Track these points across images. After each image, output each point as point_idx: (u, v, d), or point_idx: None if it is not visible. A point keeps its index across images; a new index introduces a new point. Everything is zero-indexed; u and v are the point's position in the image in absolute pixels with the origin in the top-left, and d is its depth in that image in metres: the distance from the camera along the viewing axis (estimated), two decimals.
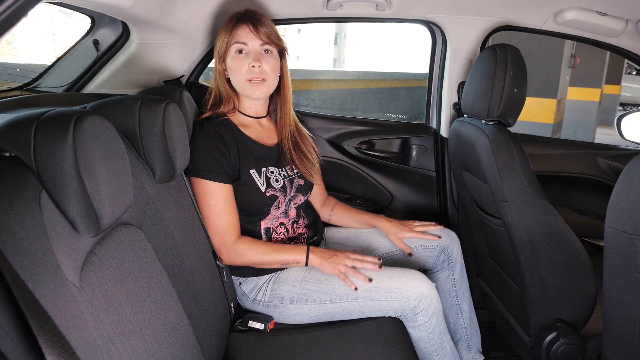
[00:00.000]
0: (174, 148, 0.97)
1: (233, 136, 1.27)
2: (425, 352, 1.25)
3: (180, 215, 1.03)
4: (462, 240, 1.53)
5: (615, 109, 7.66)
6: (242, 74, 1.25)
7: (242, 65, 1.24)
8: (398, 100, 6.26)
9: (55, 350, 0.44)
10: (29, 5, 0.42)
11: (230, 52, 1.26)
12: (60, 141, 0.61)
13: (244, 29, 1.25)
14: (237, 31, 1.25)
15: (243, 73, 1.25)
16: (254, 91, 1.27)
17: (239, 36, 1.24)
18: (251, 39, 1.25)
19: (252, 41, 1.25)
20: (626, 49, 1.67)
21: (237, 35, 1.25)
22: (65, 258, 0.60)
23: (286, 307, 1.24)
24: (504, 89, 1.24)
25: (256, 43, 1.25)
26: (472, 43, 1.73)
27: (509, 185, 1.19)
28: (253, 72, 1.24)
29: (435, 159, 1.89)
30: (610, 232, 0.87)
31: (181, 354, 0.83)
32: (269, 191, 1.28)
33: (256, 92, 1.27)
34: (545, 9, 1.58)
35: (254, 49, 1.25)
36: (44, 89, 1.52)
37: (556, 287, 1.22)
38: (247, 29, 1.24)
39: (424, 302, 1.19)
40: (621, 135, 1.59)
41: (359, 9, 1.63)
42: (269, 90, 1.30)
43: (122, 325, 0.68)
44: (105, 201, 0.66)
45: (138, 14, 1.28)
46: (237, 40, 1.25)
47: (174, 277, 0.91)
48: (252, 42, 1.25)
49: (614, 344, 0.94)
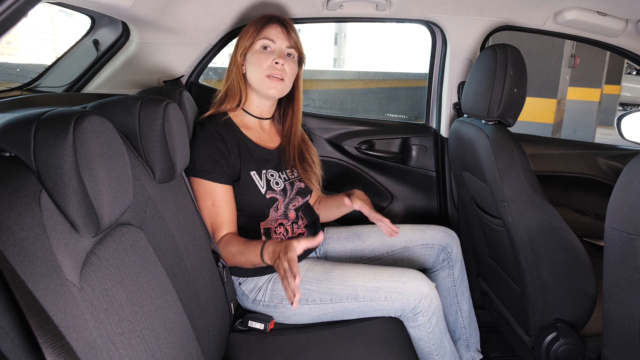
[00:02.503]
0: (174, 148, 0.97)
1: (234, 137, 1.27)
2: (425, 352, 1.25)
3: (180, 215, 1.03)
4: (462, 240, 1.53)
5: (615, 109, 7.67)
6: (263, 69, 1.26)
7: (265, 61, 1.26)
8: (398, 100, 6.26)
9: (55, 350, 0.44)
10: (29, 5, 0.42)
11: (255, 47, 1.28)
12: (60, 141, 0.61)
13: (275, 27, 1.28)
14: (268, 29, 1.27)
15: (264, 68, 1.26)
16: (270, 87, 1.27)
17: (268, 33, 1.27)
18: (280, 39, 1.27)
19: (280, 41, 1.28)
20: (626, 49, 1.67)
21: (267, 32, 1.27)
22: (65, 258, 0.60)
23: (286, 307, 1.24)
24: (504, 89, 1.25)
25: (283, 44, 1.28)
26: (472, 43, 1.73)
27: (509, 185, 1.19)
28: (275, 69, 1.26)
29: (435, 159, 1.89)
30: (610, 232, 0.87)
31: (181, 354, 0.83)
32: (269, 193, 1.28)
33: (272, 89, 1.27)
34: (545, 9, 1.58)
35: (280, 49, 1.28)
36: (44, 89, 1.52)
37: (556, 287, 1.22)
38: (278, 28, 1.28)
39: (424, 302, 1.19)
40: (621, 135, 1.59)
41: (359, 9, 1.63)
42: (283, 91, 1.31)
43: (122, 325, 0.68)
44: (105, 201, 0.66)
45: (138, 14, 1.28)
46: (265, 37, 1.27)
47: (174, 277, 0.91)
48: (280, 41, 1.28)
49: (614, 344, 0.94)
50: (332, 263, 1.30)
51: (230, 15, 1.53)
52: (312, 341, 1.17)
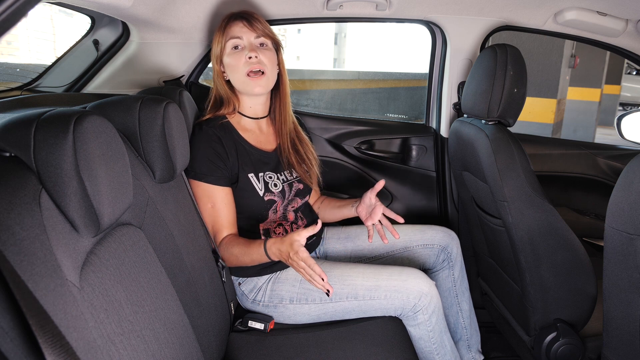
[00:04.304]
0: (174, 148, 0.97)
1: (232, 140, 1.27)
2: (426, 352, 1.25)
3: (180, 215, 1.03)
4: (462, 240, 1.53)
5: (615, 109, 7.66)
6: (240, 68, 1.25)
7: (239, 60, 1.25)
8: (398, 100, 6.26)
9: (55, 350, 0.44)
10: (29, 5, 0.42)
11: (227, 50, 1.27)
12: (60, 141, 0.61)
13: (237, 24, 1.26)
14: (232, 27, 1.26)
15: (241, 67, 1.25)
16: (254, 86, 1.26)
17: (233, 32, 1.26)
18: (245, 33, 1.26)
19: (246, 34, 1.26)
20: (626, 49, 1.67)
21: (232, 31, 1.26)
22: (65, 258, 0.60)
23: (286, 307, 1.24)
24: (504, 89, 1.25)
25: (251, 36, 1.26)
26: (472, 43, 1.73)
27: (509, 185, 1.19)
28: (251, 64, 1.24)
29: (435, 159, 1.89)
30: (610, 232, 0.87)
31: (181, 354, 0.83)
32: (267, 195, 1.28)
33: (256, 87, 1.26)
34: (545, 9, 1.58)
35: (249, 42, 1.26)
36: (44, 89, 1.52)
37: (556, 287, 1.22)
38: (240, 24, 1.26)
39: (423, 300, 1.19)
40: (621, 135, 1.59)
41: (359, 9, 1.63)
42: (268, 84, 1.29)
43: (122, 325, 0.68)
44: (105, 201, 0.66)
45: (138, 14, 1.28)
46: (232, 36, 1.25)
47: (174, 277, 0.91)
48: (247, 35, 1.26)
49: (614, 344, 0.94)
50: (331, 263, 1.30)
51: None
52: (312, 341, 1.17)
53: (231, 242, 1.21)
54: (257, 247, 1.14)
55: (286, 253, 1.07)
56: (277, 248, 1.10)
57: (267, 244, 1.12)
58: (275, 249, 1.10)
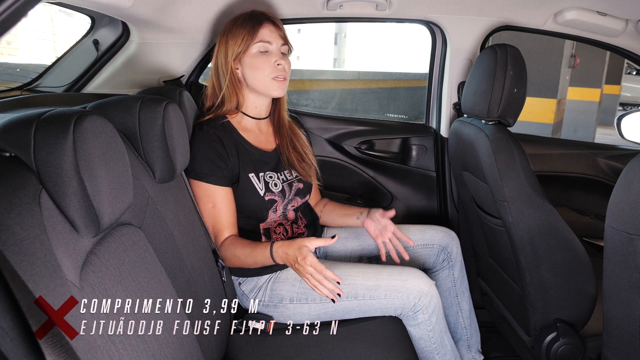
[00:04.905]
0: (174, 148, 0.97)
1: (233, 140, 1.27)
2: (426, 351, 1.25)
3: (180, 215, 1.03)
4: (462, 240, 1.53)
5: (615, 109, 7.66)
6: (267, 72, 1.26)
7: (267, 64, 1.26)
8: (398, 100, 6.25)
9: (55, 350, 0.44)
10: (29, 5, 0.42)
11: (252, 51, 1.26)
12: (60, 141, 0.61)
13: (267, 27, 1.27)
14: (262, 30, 1.26)
15: (268, 71, 1.26)
16: (277, 88, 1.28)
17: (263, 35, 1.26)
18: (275, 39, 1.28)
19: (276, 40, 1.28)
20: (626, 49, 1.67)
21: (262, 34, 1.26)
22: (65, 258, 0.60)
23: (286, 307, 1.24)
24: (504, 89, 1.25)
25: (279, 42, 1.29)
26: (472, 43, 1.73)
27: (509, 185, 1.19)
28: (279, 70, 1.27)
29: (435, 159, 1.89)
30: (610, 232, 0.87)
31: (181, 354, 0.83)
32: (268, 195, 1.28)
33: (279, 89, 1.29)
34: (545, 9, 1.58)
35: (277, 49, 1.28)
36: (44, 89, 1.52)
37: (556, 287, 1.22)
38: (270, 27, 1.28)
39: (423, 299, 1.19)
40: (621, 135, 1.60)
41: (359, 9, 1.63)
42: (286, 89, 1.33)
43: (122, 325, 0.68)
44: (105, 201, 0.66)
45: (138, 14, 1.28)
46: (261, 40, 1.26)
47: (174, 277, 0.91)
48: (276, 41, 1.28)
49: (614, 344, 0.94)
50: (332, 262, 1.30)
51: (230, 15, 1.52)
52: (312, 341, 1.17)
53: (234, 244, 1.21)
54: (263, 249, 1.15)
55: (293, 257, 1.08)
56: (284, 251, 1.11)
57: (273, 247, 1.13)
58: (282, 252, 1.11)
